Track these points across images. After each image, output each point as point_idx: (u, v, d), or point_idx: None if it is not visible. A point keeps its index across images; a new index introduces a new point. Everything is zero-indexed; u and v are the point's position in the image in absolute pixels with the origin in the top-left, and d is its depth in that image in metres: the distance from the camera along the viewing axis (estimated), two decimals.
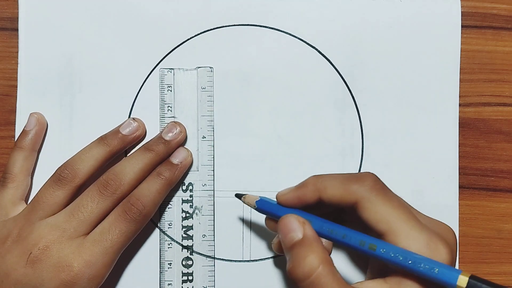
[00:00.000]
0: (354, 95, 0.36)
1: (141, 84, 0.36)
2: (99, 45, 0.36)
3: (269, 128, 0.36)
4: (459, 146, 0.36)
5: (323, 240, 0.29)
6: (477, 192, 0.37)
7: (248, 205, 0.32)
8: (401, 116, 0.36)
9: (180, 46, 0.36)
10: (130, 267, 0.36)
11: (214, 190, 0.36)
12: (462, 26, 0.37)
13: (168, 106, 0.36)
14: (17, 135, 0.36)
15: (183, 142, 0.36)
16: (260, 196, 0.32)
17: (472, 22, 0.37)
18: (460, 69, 0.37)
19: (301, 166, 0.36)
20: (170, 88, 0.36)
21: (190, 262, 0.35)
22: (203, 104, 0.36)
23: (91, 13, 0.36)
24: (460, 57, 0.37)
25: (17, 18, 0.36)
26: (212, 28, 0.36)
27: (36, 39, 0.36)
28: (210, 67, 0.36)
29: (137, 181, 0.33)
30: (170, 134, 0.35)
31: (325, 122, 0.36)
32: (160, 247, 0.36)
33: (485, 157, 0.37)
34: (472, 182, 0.37)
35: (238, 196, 0.33)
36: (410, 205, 0.29)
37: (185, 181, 0.36)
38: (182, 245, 0.35)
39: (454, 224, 0.36)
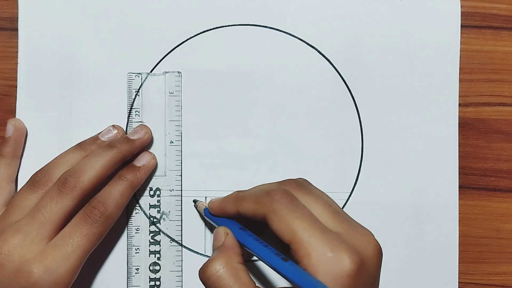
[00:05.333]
0: (354, 95, 0.36)
1: (141, 84, 0.36)
2: (98, 45, 0.36)
3: (269, 128, 0.36)
4: (459, 146, 0.36)
5: None
6: (477, 192, 0.37)
7: (199, 211, 0.35)
8: (401, 116, 0.36)
9: (180, 46, 0.36)
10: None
11: (181, 196, 0.36)
12: (461, 26, 0.37)
13: (135, 111, 0.36)
14: None
15: (148, 145, 0.36)
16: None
17: (472, 22, 0.37)
18: (460, 69, 0.37)
19: (301, 166, 0.36)
20: (138, 93, 0.36)
21: (157, 267, 0.35)
22: (171, 109, 0.36)
23: (90, 13, 0.36)
24: (460, 57, 0.37)
25: (17, 18, 0.36)
26: (212, 28, 0.36)
27: (35, 39, 0.36)
28: (178, 72, 0.36)
29: (98, 178, 0.32)
30: (135, 135, 0.35)
31: (325, 122, 0.36)
32: (128, 253, 0.35)
33: (485, 157, 0.37)
34: (472, 182, 0.37)
35: (194, 201, 0.36)
36: (336, 212, 0.29)
37: (152, 186, 0.36)
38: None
39: (454, 224, 0.36)
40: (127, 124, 0.36)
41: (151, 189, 0.36)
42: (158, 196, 0.36)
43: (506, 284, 0.37)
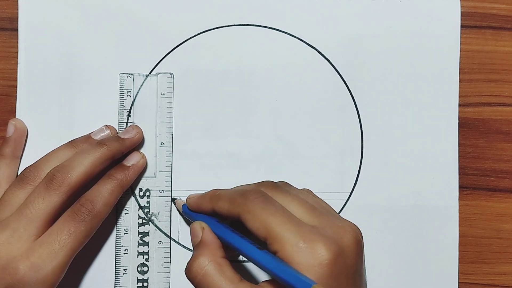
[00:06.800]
0: (354, 95, 0.36)
1: (141, 84, 0.36)
2: (98, 45, 0.36)
3: (269, 128, 0.36)
4: (459, 146, 0.36)
5: None
6: (477, 192, 0.37)
7: (177, 209, 0.35)
8: (401, 116, 0.36)
9: (180, 46, 0.36)
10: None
11: (171, 197, 0.36)
12: (461, 26, 0.37)
13: (127, 112, 0.36)
14: None
15: (139, 146, 0.36)
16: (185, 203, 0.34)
17: (472, 22, 0.37)
18: (460, 69, 0.37)
19: (301, 166, 0.36)
20: (129, 93, 0.36)
21: (145, 269, 0.35)
22: (162, 110, 0.36)
23: (90, 13, 0.36)
24: (460, 57, 0.37)
25: (17, 18, 0.36)
26: (212, 28, 0.36)
27: (35, 39, 0.36)
28: (170, 73, 0.36)
29: (86, 174, 0.32)
30: (126, 135, 0.35)
31: (325, 122, 0.36)
32: (116, 253, 0.35)
33: (485, 157, 0.37)
34: (472, 182, 0.37)
35: (173, 199, 0.36)
36: (312, 208, 0.30)
37: (142, 187, 0.36)
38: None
39: (454, 224, 0.36)
40: (126, 124, 0.36)
41: (140, 190, 0.36)
42: (148, 197, 0.36)
43: (506, 284, 0.37)
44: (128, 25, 0.36)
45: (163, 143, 0.36)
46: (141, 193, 0.36)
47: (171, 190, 0.36)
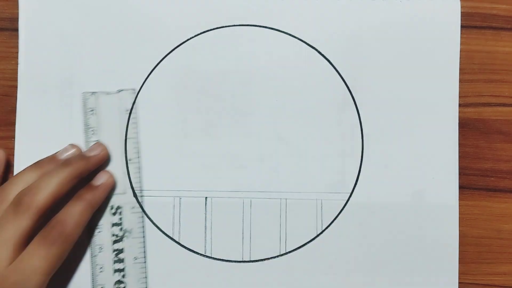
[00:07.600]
0: (354, 95, 0.36)
1: (141, 84, 0.36)
2: (99, 45, 0.36)
3: (269, 128, 0.36)
4: (459, 146, 0.36)
5: None
6: (477, 192, 0.37)
7: None
8: (401, 116, 0.36)
9: (180, 46, 0.36)
10: None
11: (143, 212, 0.36)
12: (462, 26, 0.37)
13: (91, 130, 0.36)
14: (17, 135, 0.36)
15: (105, 164, 0.35)
16: None
17: (472, 23, 0.37)
18: (460, 69, 0.37)
19: (301, 167, 0.36)
20: (92, 112, 0.36)
21: (122, 286, 0.35)
22: (128, 126, 0.36)
23: (91, 13, 0.36)
24: (460, 58, 0.37)
25: (17, 18, 0.36)
26: (212, 28, 0.36)
27: (36, 39, 0.36)
28: (133, 89, 0.36)
29: (54, 196, 0.31)
30: (91, 153, 0.34)
31: (325, 122, 0.36)
32: (92, 271, 0.35)
33: (485, 157, 0.37)
34: (472, 182, 0.37)
35: None
36: None
37: (113, 205, 0.35)
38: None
39: (454, 224, 0.36)
40: (84, 144, 0.36)
41: (112, 207, 0.35)
42: (120, 214, 0.35)
43: (506, 284, 0.37)
44: (128, 26, 0.36)
45: (131, 160, 0.36)
46: (113, 211, 0.35)
47: (143, 206, 0.36)
